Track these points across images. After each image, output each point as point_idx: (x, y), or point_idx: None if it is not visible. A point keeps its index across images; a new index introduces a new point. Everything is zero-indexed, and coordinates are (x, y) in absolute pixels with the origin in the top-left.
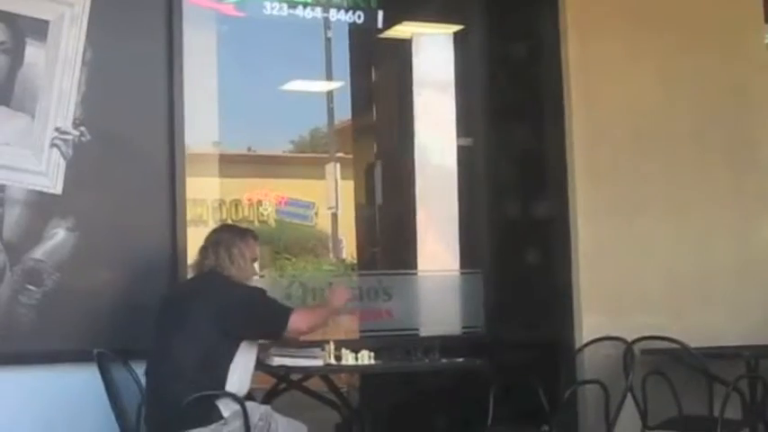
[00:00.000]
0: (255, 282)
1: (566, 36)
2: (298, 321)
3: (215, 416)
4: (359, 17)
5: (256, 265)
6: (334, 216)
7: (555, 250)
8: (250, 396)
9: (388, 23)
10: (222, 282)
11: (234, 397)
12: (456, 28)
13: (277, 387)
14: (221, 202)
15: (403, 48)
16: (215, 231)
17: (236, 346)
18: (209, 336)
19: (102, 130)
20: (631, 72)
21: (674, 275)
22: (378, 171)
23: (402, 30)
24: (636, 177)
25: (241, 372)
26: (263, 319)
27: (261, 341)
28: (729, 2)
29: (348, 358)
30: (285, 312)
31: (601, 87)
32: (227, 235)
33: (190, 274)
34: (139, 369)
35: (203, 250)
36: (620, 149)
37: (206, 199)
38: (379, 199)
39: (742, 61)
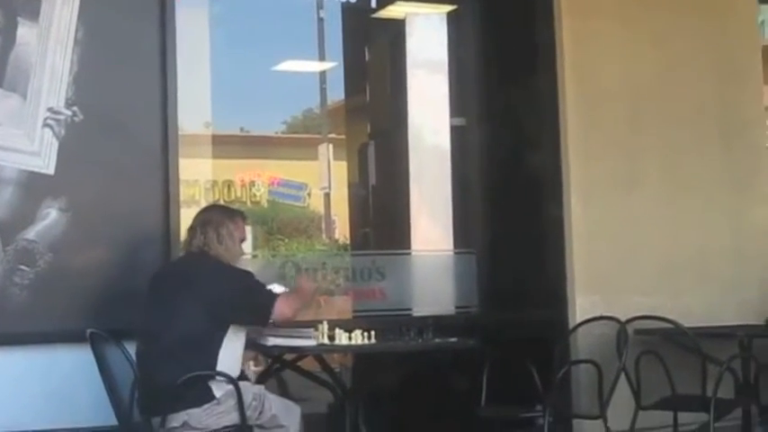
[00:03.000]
0: (245, 262)
1: (560, 14)
2: (283, 307)
3: (207, 396)
4: None
5: (245, 246)
6: (327, 196)
7: (549, 230)
8: (243, 376)
9: (382, 3)
10: (212, 265)
11: (227, 377)
12: (449, 8)
13: (270, 367)
14: (214, 183)
15: (396, 28)
16: (203, 211)
17: (225, 330)
18: (199, 319)
19: (95, 111)
20: (626, 49)
21: (668, 255)
22: (371, 151)
23: (396, 10)
24: (630, 156)
25: (229, 355)
26: (252, 306)
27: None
28: None
29: (341, 338)
30: (271, 299)
31: (596, 65)
32: (216, 215)
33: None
34: (132, 349)
35: (192, 230)
36: (614, 128)
37: (198, 180)
38: (372, 179)
39: (735, 41)
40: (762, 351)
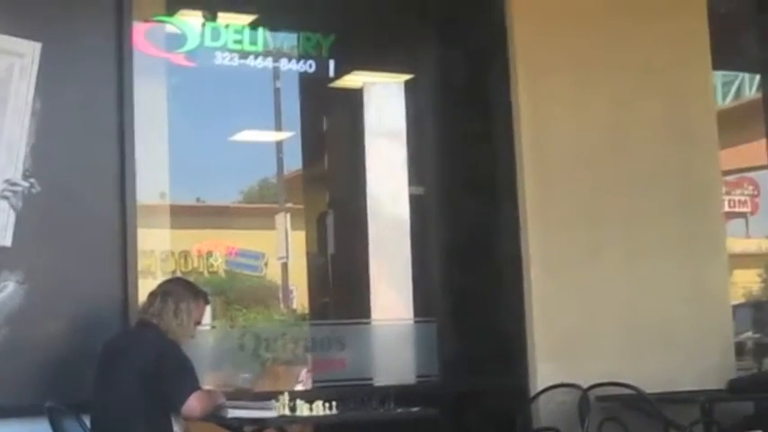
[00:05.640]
0: (205, 334)
1: (516, 78)
2: (195, 402)
3: None
4: (310, 66)
5: (203, 321)
6: (285, 266)
7: (509, 297)
8: None
9: (340, 73)
10: (155, 338)
11: None
12: (407, 77)
13: None
14: (170, 254)
15: (354, 97)
16: (170, 282)
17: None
18: (140, 392)
19: (53, 182)
20: (583, 119)
21: (629, 321)
22: (330, 220)
23: (353, 79)
24: (589, 223)
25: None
26: (170, 382)
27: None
28: (676, 47)
29: (302, 409)
30: (193, 386)
31: (552, 134)
32: (181, 289)
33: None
34: None
35: (152, 296)
36: (573, 195)
37: (155, 250)
38: (331, 248)
39: (690, 106)
40: (724, 415)
